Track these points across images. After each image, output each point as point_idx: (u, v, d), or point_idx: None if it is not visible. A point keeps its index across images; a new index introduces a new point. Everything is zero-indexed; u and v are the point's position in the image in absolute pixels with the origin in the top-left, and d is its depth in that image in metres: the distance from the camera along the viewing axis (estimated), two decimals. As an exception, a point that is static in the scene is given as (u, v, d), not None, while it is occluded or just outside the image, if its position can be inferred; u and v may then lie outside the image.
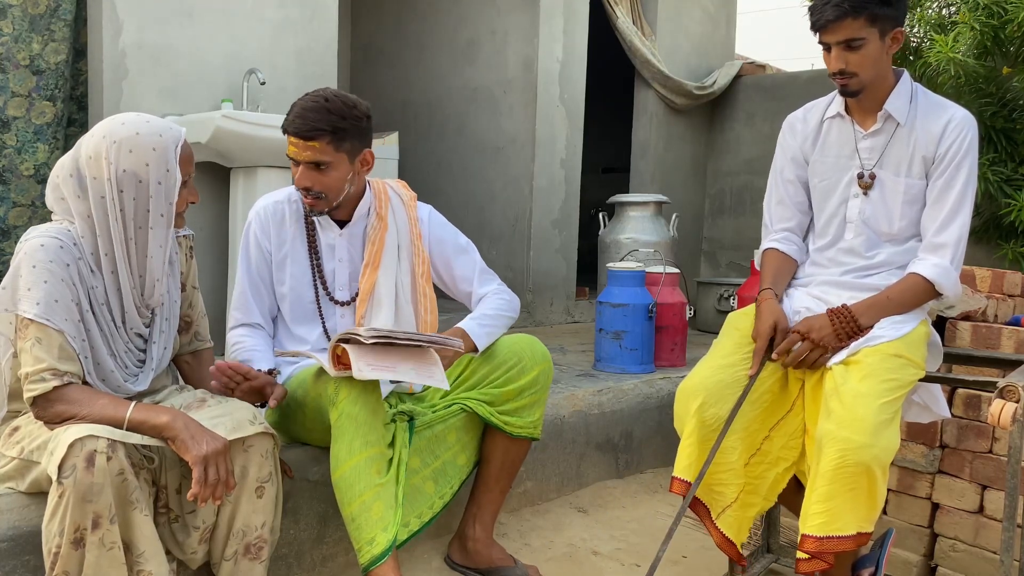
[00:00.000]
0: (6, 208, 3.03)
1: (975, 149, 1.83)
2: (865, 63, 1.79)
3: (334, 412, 1.77)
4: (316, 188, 1.92)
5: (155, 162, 1.58)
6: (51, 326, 1.50)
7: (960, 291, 1.84)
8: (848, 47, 1.78)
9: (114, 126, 1.59)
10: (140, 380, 1.69)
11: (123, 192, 1.57)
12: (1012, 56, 3.75)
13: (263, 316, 2.06)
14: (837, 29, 1.77)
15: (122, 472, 1.43)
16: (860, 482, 1.59)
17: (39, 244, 1.52)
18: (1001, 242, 4.00)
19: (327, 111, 1.87)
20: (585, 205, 5.18)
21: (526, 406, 2.07)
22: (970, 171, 1.82)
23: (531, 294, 4.61)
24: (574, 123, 4.75)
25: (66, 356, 1.52)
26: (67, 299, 1.52)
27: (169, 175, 1.60)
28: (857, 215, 1.90)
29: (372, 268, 2.04)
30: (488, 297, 2.14)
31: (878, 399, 1.64)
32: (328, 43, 3.56)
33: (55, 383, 1.50)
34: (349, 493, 1.74)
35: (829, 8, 1.77)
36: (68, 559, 1.40)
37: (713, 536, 1.84)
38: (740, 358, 1.86)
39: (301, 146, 1.88)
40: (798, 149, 2.00)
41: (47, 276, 1.51)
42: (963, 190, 1.81)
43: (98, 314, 1.60)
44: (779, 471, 1.87)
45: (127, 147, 1.56)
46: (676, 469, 1.83)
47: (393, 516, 1.76)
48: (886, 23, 1.77)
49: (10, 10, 2.96)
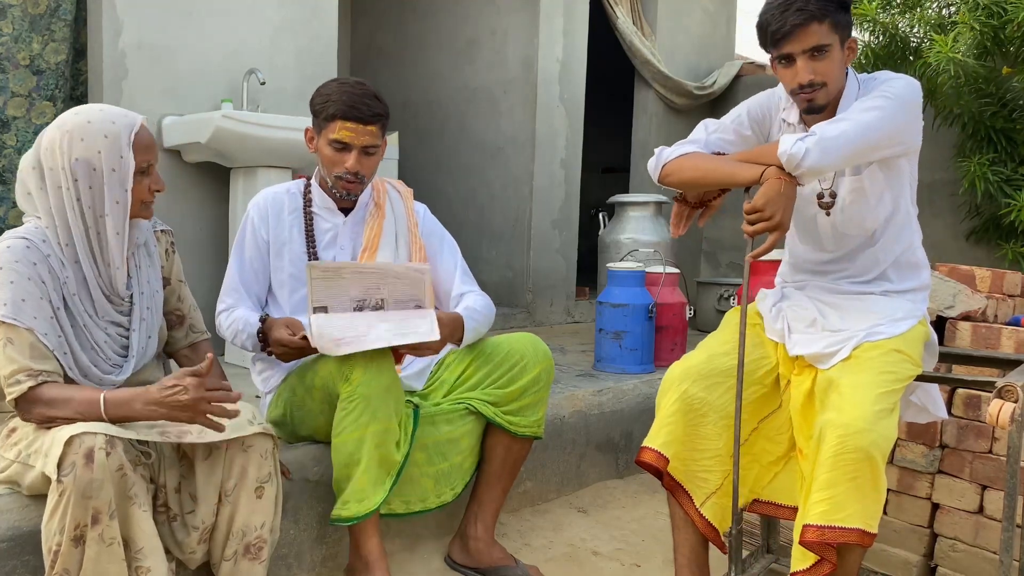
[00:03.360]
0: (6, 208, 3.03)
1: (907, 99, 1.71)
2: (831, 72, 1.73)
3: (346, 388, 1.81)
4: (363, 172, 1.98)
5: (107, 149, 1.57)
6: (19, 325, 1.50)
7: (819, 169, 1.66)
8: (814, 55, 1.70)
9: (68, 116, 1.60)
10: (123, 370, 1.68)
11: (77, 181, 1.57)
12: (1012, 56, 3.76)
13: (253, 304, 2.07)
14: (804, 36, 1.69)
15: (121, 467, 1.44)
16: (862, 470, 1.58)
17: (5, 247, 1.53)
18: (1001, 242, 4.00)
19: (376, 98, 1.95)
20: (585, 205, 5.18)
21: (529, 405, 2.07)
22: (889, 100, 1.69)
23: (531, 294, 4.61)
24: (574, 123, 4.75)
25: (39, 355, 1.52)
26: (35, 297, 1.52)
27: (123, 162, 1.59)
28: (831, 228, 1.87)
29: (370, 252, 2.07)
30: (469, 296, 2.14)
31: (876, 389, 1.64)
32: (328, 43, 3.56)
33: (30, 383, 1.50)
34: (347, 457, 1.83)
35: (791, 14, 1.68)
36: (68, 556, 1.40)
37: (696, 523, 1.83)
38: (733, 347, 1.86)
39: (360, 131, 1.93)
40: (767, 126, 1.91)
41: (13, 276, 1.51)
42: (874, 107, 1.68)
43: (72, 308, 1.60)
44: (763, 465, 1.88)
45: (79, 135, 1.57)
46: (651, 440, 1.82)
47: (373, 493, 1.83)
48: (844, 31, 1.74)
49: (10, 10, 2.96)
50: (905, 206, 1.86)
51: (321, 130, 1.97)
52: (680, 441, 1.80)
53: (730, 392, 1.83)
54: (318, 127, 1.98)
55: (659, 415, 1.84)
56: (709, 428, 1.82)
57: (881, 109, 1.69)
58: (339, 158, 1.96)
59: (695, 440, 1.82)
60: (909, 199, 1.87)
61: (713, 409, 1.81)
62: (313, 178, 2.09)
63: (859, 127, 1.67)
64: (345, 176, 1.97)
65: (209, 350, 1.89)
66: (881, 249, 1.86)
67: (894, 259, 1.86)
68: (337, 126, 1.92)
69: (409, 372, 2.10)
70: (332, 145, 1.95)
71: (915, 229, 1.90)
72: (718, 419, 1.81)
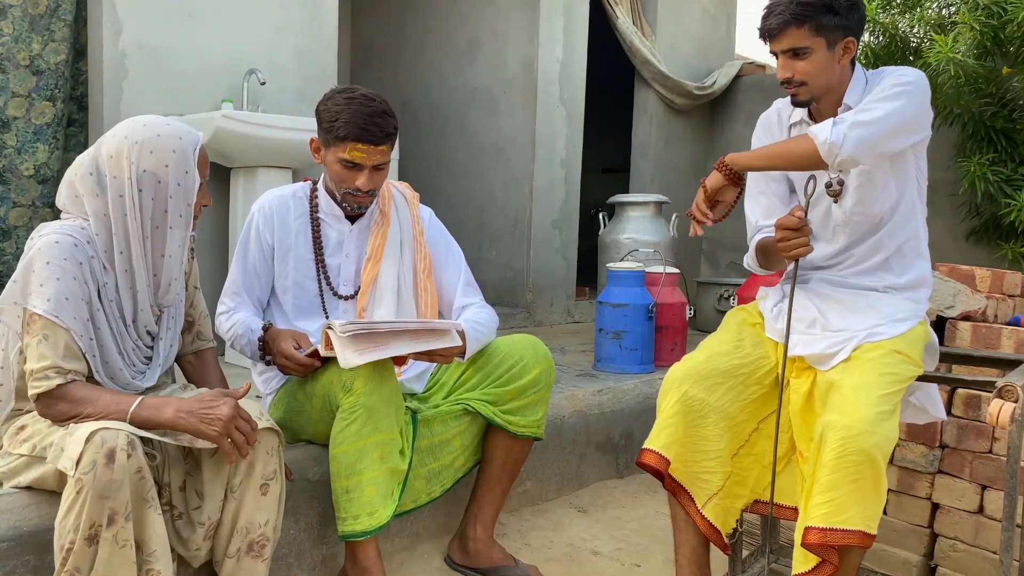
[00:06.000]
0: (6, 208, 3.03)
1: (920, 86, 1.74)
2: (812, 72, 1.77)
3: (348, 398, 1.80)
4: (375, 188, 1.96)
5: (175, 164, 1.61)
6: (59, 323, 1.51)
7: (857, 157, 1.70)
8: (794, 56, 1.77)
9: (136, 127, 1.62)
10: (147, 377, 1.70)
11: (142, 192, 1.60)
12: (1012, 56, 3.76)
13: (254, 307, 2.07)
14: (781, 38, 1.77)
15: (140, 469, 1.44)
16: (864, 472, 1.58)
17: (54, 241, 1.53)
18: (1001, 242, 4.00)
19: (386, 114, 1.91)
20: (585, 205, 5.17)
21: (529, 405, 2.07)
22: (905, 87, 1.72)
23: (531, 294, 4.61)
24: (574, 123, 4.75)
25: (71, 354, 1.53)
26: (78, 297, 1.54)
27: (188, 177, 1.63)
28: (841, 216, 1.88)
29: (374, 261, 2.06)
30: (472, 308, 2.13)
31: (877, 390, 1.64)
32: (328, 43, 3.56)
33: (59, 381, 1.50)
34: (348, 468, 1.79)
35: (772, 16, 1.76)
36: (80, 555, 1.40)
37: (699, 524, 1.83)
38: (734, 347, 1.86)
39: (371, 151, 1.90)
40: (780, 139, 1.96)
41: (60, 273, 1.52)
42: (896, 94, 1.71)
43: (108, 312, 1.61)
44: (764, 465, 1.87)
45: (148, 148, 1.59)
46: (652, 442, 1.82)
47: (383, 506, 1.81)
48: (834, 33, 1.76)
49: (10, 10, 2.96)
50: (911, 195, 1.87)
51: (330, 146, 1.93)
52: (681, 443, 1.80)
53: (731, 393, 1.83)
54: (326, 142, 1.94)
55: (660, 417, 1.84)
56: (710, 429, 1.81)
57: (901, 95, 1.72)
58: (349, 176, 1.93)
59: (696, 441, 1.82)
60: (915, 190, 1.87)
61: (714, 410, 1.81)
62: (319, 183, 2.08)
63: (887, 112, 1.70)
64: (356, 192, 1.96)
65: (214, 360, 1.90)
66: (887, 234, 1.86)
67: (898, 246, 1.87)
68: (348, 147, 1.89)
69: (409, 375, 2.10)
70: (342, 163, 1.92)
71: (920, 223, 1.91)
72: (719, 420, 1.81)
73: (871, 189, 1.83)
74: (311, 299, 2.05)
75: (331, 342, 1.76)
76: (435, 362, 1.98)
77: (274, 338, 1.92)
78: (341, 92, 1.94)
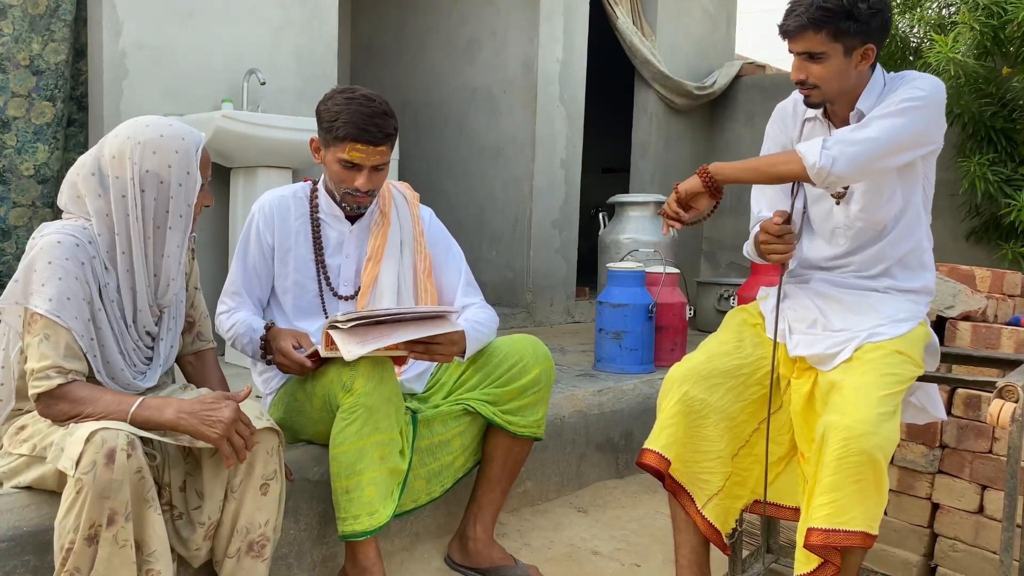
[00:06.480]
0: (6, 208, 3.03)
1: (932, 101, 1.74)
2: (826, 76, 1.76)
3: (348, 398, 1.80)
4: (375, 188, 1.96)
5: (177, 164, 1.62)
6: (61, 323, 1.51)
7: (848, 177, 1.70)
8: (809, 59, 1.76)
9: (138, 127, 1.62)
10: (148, 377, 1.71)
11: (144, 192, 1.60)
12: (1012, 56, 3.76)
13: (254, 307, 2.07)
14: (798, 40, 1.75)
15: (140, 470, 1.44)
16: (866, 472, 1.58)
17: (56, 240, 1.54)
18: (1001, 242, 4.00)
19: (386, 114, 1.91)
20: (585, 205, 5.17)
21: (529, 405, 2.07)
22: (912, 103, 1.70)
23: (531, 294, 4.61)
24: (574, 123, 4.74)
25: (72, 354, 1.53)
26: (79, 297, 1.54)
27: (190, 177, 1.63)
28: (844, 221, 1.88)
29: (374, 261, 2.06)
30: (472, 309, 2.13)
31: (879, 391, 1.64)
32: (328, 43, 3.56)
33: (59, 380, 1.51)
34: (348, 468, 1.80)
35: (792, 17, 1.75)
36: (80, 555, 1.40)
37: (699, 524, 1.83)
38: (734, 347, 1.86)
39: (371, 152, 1.90)
40: (789, 142, 1.96)
41: (62, 273, 1.52)
42: (901, 110, 1.70)
43: (109, 312, 1.62)
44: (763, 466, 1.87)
45: (151, 148, 1.60)
46: (653, 442, 1.82)
47: (383, 506, 1.82)
48: (852, 39, 1.73)
49: (10, 10, 2.95)
50: (916, 204, 1.86)
51: (329, 146, 1.94)
52: (681, 443, 1.80)
53: (731, 393, 1.83)
54: (326, 142, 1.95)
55: (660, 417, 1.84)
56: (710, 430, 1.81)
57: (907, 112, 1.71)
58: (349, 176, 1.94)
59: (696, 442, 1.82)
60: (920, 199, 1.87)
61: (714, 411, 1.81)
62: (320, 184, 2.08)
63: (884, 131, 1.69)
64: (355, 192, 1.96)
65: (214, 360, 1.91)
66: (889, 244, 1.85)
67: (901, 256, 1.86)
68: (347, 147, 1.90)
69: (409, 375, 2.10)
70: (341, 163, 1.93)
71: (925, 233, 1.90)
72: (719, 420, 1.81)
73: (877, 196, 1.82)
74: (311, 299, 2.05)
75: (332, 342, 1.76)
76: (435, 361, 1.98)
77: (275, 336, 1.93)
78: (341, 92, 1.94)
